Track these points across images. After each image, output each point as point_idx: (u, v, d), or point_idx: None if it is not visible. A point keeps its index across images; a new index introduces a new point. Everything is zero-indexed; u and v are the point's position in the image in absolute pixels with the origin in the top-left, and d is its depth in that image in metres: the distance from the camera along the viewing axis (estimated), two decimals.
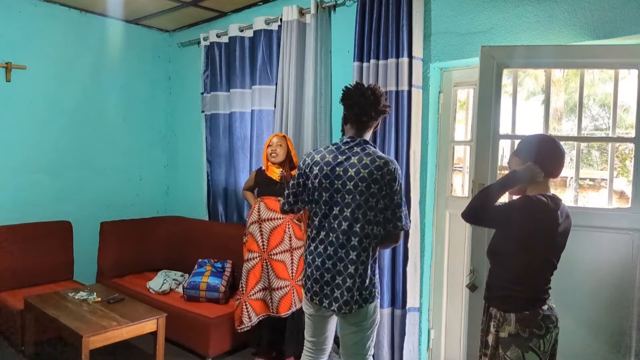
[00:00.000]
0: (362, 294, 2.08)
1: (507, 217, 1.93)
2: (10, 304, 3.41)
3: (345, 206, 2.08)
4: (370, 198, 2.06)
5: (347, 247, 2.07)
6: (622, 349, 2.32)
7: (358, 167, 2.08)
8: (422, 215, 3.06)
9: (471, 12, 2.83)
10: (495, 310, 1.99)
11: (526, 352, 1.87)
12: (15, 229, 3.79)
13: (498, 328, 1.95)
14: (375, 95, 2.13)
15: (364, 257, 2.08)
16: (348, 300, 2.06)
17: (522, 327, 1.89)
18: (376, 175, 2.05)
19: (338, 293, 2.08)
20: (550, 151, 1.97)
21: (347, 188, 2.08)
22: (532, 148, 1.98)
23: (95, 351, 2.73)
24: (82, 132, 4.32)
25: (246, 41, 3.95)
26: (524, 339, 1.88)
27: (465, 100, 3.27)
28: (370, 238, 2.08)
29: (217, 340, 3.27)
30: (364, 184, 2.06)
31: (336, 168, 2.11)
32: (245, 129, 4.02)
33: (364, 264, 2.08)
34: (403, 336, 3.00)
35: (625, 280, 2.30)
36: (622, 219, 2.32)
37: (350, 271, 2.06)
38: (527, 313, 1.90)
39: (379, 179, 2.06)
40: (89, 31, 4.31)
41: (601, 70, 3.95)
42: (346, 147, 2.15)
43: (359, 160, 2.09)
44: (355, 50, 3.16)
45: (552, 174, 1.98)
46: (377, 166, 2.07)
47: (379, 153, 2.15)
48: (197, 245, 4.17)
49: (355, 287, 2.06)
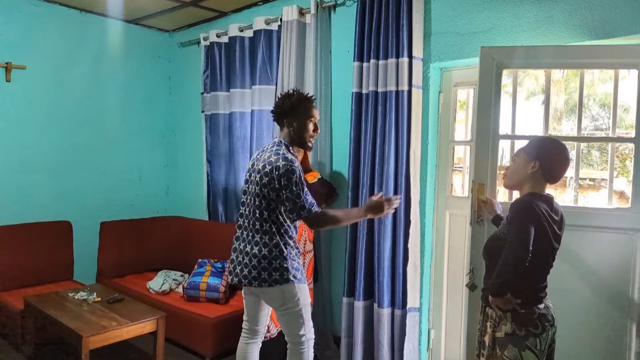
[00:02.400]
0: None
1: (525, 245, 1.86)
2: (10, 304, 3.41)
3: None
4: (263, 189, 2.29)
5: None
6: (621, 349, 2.32)
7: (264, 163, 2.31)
8: (422, 215, 3.06)
9: (471, 12, 2.83)
10: (491, 310, 1.99)
11: (523, 350, 1.88)
12: (15, 229, 3.79)
13: (495, 328, 1.96)
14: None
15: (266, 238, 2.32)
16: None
17: (518, 326, 1.90)
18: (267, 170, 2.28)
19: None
20: (558, 157, 2.00)
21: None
22: (540, 145, 2.03)
23: (95, 351, 2.73)
24: (82, 132, 4.32)
25: (246, 41, 3.95)
26: (520, 338, 1.89)
27: (465, 100, 3.27)
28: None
29: (217, 340, 3.27)
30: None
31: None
32: (245, 129, 4.02)
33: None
34: (403, 336, 3.00)
35: (625, 280, 2.30)
36: (622, 219, 2.32)
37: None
38: (523, 312, 1.91)
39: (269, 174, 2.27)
40: (88, 31, 4.30)
41: (601, 70, 3.95)
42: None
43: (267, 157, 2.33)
44: (355, 50, 3.16)
45: (552, 176, 2.01)
46: (269, 162, 2.29)
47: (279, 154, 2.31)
48: (197, 245, 4.17)
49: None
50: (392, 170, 3.01)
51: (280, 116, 2.41)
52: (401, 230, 2.99)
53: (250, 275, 2.31)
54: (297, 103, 2.37)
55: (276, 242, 2.30)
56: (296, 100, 2.37)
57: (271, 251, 2.29)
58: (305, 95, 2.43)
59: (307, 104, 2.40)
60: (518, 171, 2.04)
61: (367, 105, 3.11)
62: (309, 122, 2.40)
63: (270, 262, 2.28)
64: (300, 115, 2.37)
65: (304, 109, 2.38)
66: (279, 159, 2.26)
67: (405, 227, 2.99)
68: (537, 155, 1.99)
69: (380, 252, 3.05)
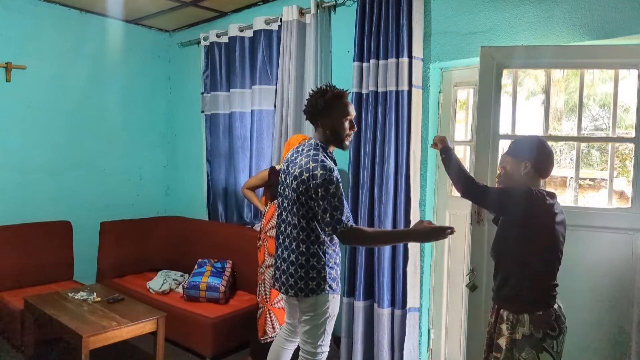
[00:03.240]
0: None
1: (509, 199, 1.98)
2: (10, 304, 3.41)
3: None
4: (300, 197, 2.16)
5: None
6: (622, 349, 2.32)
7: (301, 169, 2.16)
8: (422, 215, 3.06)
9: (471, 12, 2.83)
10: (506, 312, 1.99)
11: (540, 352, 1.88)
12: (15, 229, 3.79)
13: (512, 330, 1.95)
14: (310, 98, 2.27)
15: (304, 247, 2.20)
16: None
17: (535, 328, 1.90)
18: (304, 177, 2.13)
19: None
20: (544, 152, 2.06)
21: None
22: (523, 145, 2.09)
23: (95, 351, 2.73)
24: (82, 132, 4.32)
25: (246, 41, 3.95)
26: (537, 340, 1.89)
27: (465, 100, 3.27)
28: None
29: (217, 340, 3.27)
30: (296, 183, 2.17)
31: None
32: (245, 129, 4.02)
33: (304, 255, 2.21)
34: (403, 336, 3.00)
35: (625, 280, 2.30)
36: (622, 219, 2.32)
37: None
38: (540, 314, 1.91)
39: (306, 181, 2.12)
40: (89, 31, 4.30)
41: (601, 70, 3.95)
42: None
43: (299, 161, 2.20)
44: (355, 50, 3.16)
45: (543, 173, 2.08)
46: (307, 169, 2.13)
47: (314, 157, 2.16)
48: (197, 245, 4.17)
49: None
50: (392, 170, 3.01)
51: (314, 116, 2.23)
52: None
53: (287, 283, 2.22)
54: (331, 101, 2.19)
55: (314, 251, 2.18)
56: (330, 99, 2.19)
57: (308, 260, 2.17)
58: (339, 91, 2.24)
59: (342, 101, 2.22)
60: (511, 175, 2.09)
61: (367, 105, 3.11)
62: (345, 121, 2.22)
63: (307, 271, 2.17)
64: (335, 114, 2.20)
65: (338, 106, 2.21)
66: (317, 167, 2.08)
67: (405, 227, 2.99)
68: (525, 155, 2.05)
69: (380, 252, 3.05)
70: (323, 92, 2.22)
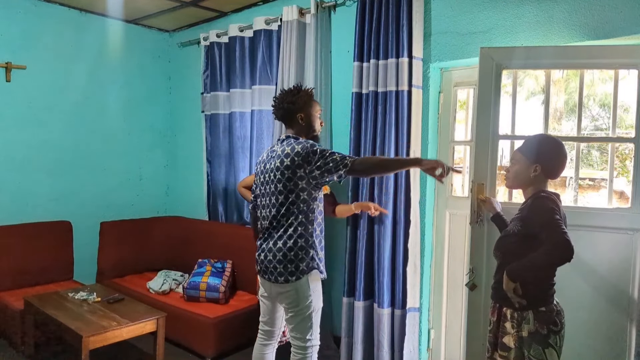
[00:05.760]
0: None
1: (559, 224, 1.87)
2: (10, 304, 3.41)
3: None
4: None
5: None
6: (621, 348, 2.32)
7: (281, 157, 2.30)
8: (422, 215, 3.06)
9: (471, 12, 2.83)
10: (510, 310, 1.99)
11: (546, 348, 1.90)
12: (15, 229, 3.79)
13: (518, 328, 1.96)
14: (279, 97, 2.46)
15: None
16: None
17: (540, 324, 1.91)
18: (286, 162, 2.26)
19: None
20: (554, 152, 2.04)
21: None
22: (538, 147, 2.05)
23: (95, 351, 2.73)
24: (82, 132, 4.32)
25: (246, 41, 3.95)
26: (543, 336, 1.91)
27: (465, 100, 3.27)
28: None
29: (217, 340, 3.27)
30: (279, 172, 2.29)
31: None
32: (245, 129, 4.02)
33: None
34: (403, 336, 3.00)
35: (625, 280, 2.30)
36: (622, 219, 2.32)
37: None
38: (543, 310, 1.92)
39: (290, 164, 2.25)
40: (88, 31, 4.30)
41: (601, 71, 3.95)
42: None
43: (282, 151, 2.32)
44: (355, 50, 3.16)
45: (553, 174, 2.06)
46: (286, 154, 2.27)
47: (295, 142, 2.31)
48: (197, 245, 4.17)
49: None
50: None
51: (293, 112, 2.40)
52: (401, 230, 2.99)
53: (276, 270, 2.29)
54: (307, 97, 2.43)
55: (301, 232, 2.27)
56: (305, 95, 2.43)
57: (296, 242, 2.26)
58: (310, 89, 2.49)
59: (312, 97, 2.48)
60: (520, 175, 2.08)
61: (367, 105, 3.11)
62: (318, 114, 2.47)
63: (296, 253, 2.26)
64: (310, 107, 2.43)
65: (311, 102, 2.45)
66: (295, 146, 2.27)
67: (405, 227, 2.99)
68: (536, 158, 2.03)
69: (380, 252, 3.05)
70: (297, 90, 2.44)
